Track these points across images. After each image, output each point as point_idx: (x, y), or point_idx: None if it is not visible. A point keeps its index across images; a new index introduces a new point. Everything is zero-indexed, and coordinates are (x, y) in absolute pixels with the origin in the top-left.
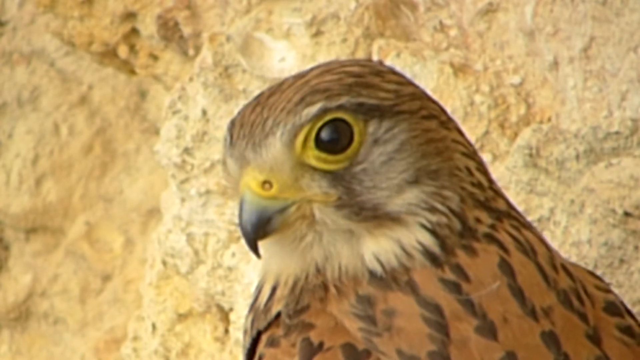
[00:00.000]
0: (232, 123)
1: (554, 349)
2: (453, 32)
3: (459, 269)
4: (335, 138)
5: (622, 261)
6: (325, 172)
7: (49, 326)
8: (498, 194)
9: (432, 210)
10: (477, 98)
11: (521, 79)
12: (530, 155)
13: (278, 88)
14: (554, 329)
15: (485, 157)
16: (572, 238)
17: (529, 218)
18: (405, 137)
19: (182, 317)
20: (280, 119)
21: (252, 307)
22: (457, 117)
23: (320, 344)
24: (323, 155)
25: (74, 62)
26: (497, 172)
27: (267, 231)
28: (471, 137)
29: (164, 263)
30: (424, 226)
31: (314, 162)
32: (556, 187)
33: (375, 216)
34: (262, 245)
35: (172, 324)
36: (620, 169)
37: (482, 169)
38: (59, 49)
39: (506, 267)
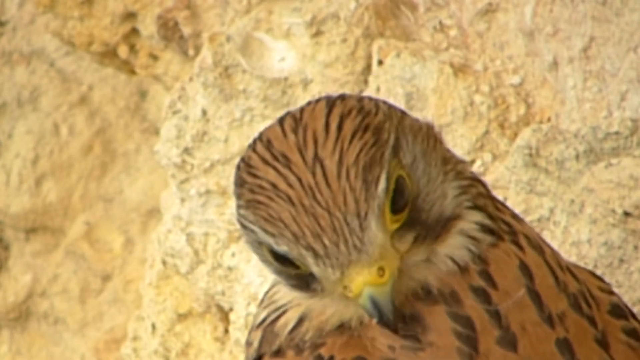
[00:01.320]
0: (297, 236)
1: (568, 356)
2: (453, 32)
3: (486, 275)
4: (401, 194)
5: (622, 261)
6: (404, 225)
7: (49, 326)
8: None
9: (465, 190)
10: (477, 98)
11: (521, 79)
12: (530, 155)
13: (313, 185)
14: (567, 335)
15: (485, 157)
16: (572, 238)
17: (529, 218)
18: (418, 147)
19: (182, 317)
20: (365, 210)
21: (262, 326)
22: (456, 117)
23: (331, 357)
24: (398, 216)
25: (74, 62)
26: (497, 172)
27: (398, 309)
28: (471, 137)
29: (164, 263)
30: (469, 207)
31: (397, 226)
32: (556, 187)
33: (442, 227)
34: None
35: (172, 324)
36: (620, 169)
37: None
38: (59, 49)
39: (525, 270)
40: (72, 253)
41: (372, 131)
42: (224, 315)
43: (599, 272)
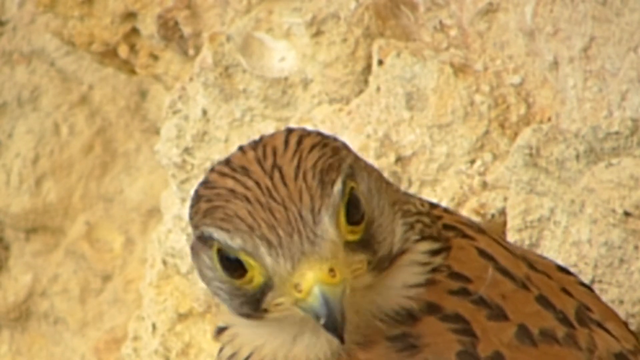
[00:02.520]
0: (252, 228)
1: (551, 309)
2: (453, 32)
3: (457, 276)
4: (356, 207)
5: (622, 261)
6: (356, 243)
7: (49, 326)
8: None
9: (411, 225)
10: (477, 98)
11: (521, 79)
12: (530, 155)
13: (270, 183)
14: (541, 292)
15: (485, 157)
16: (572, 238)
17: (529, 218)
18: (372, 183)
19: (182, 316)
20: (318, 206)
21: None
22: (457, 117)
23: None
24: (353, 227)
25: (74, 62)
26: (497, 172)
27: (346, 316)
28: (471, 137)
29: (164, 263)
30: (416, 240)
31: (350, 237)
32: (556, 187)
33: (391, 262)
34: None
35: (172, 324)
36: (620, 169)
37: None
38: (59, 49)
39: (484, 253)
40: (72, 253)
41: (330, 148)
42: None
43: (599, 272)
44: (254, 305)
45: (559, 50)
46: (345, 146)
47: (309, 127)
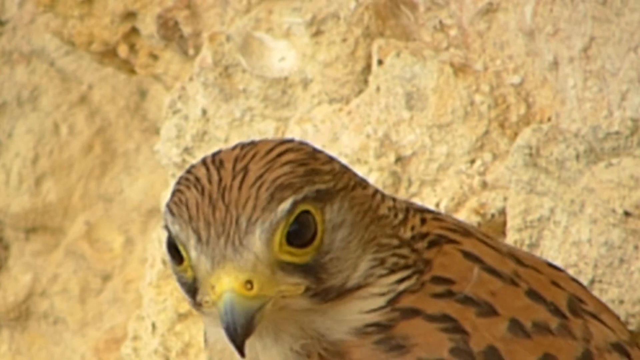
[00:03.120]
0: (189, 217)
1: (541, 301)
2: (453, 32)
3: (440, 279)
4: (303, 231)
5: (622, 261)
6: (297, 266)
7: (49, 326)
8: (397, 200)
9: (382, 261)
10: (477, 98)
11: (521, 79)
12: (530, 155)
13: (229, 184)
14: (530, 286)
15: (485, 157)
16: (572, 238)
17: (529, 218)
18: (351, 217)
19: (182, 316)
20: (256, 217)
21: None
22: (457, 117)
23: None
24: (294, 249)
25: (74, 62)
26: (497, 172)
27: (251, 330)
28: (471, 137)
29: (164, 262)
30: (383, 275)
31: (287, 258)
32: (556, 187)
33: (339, 295)
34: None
35: (172, 324)
36: (620, 169)
37: (383, 195)
38: (59, 49)
39: (469, 255)
40: (72, 253)
41: (307, 169)
42: None
43: (599, 272)
44: (192, 297)
45: (559, 50)
46: (339, 173)
47: (309, 127)
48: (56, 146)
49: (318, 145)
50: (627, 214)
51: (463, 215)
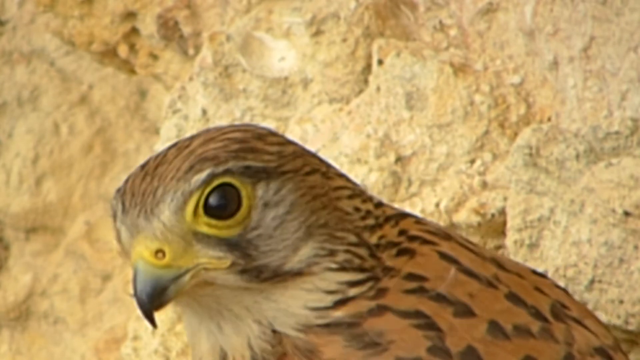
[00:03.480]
0: (122, 191)
1: (522, 305)
2: (453, 32)
3: (413, 276)
4: (223, 204)
5: (622, 261)
6: (220, 239)
7: (49, 326)
8: (382, 205)
9: (332, 253)
10: (477, 98)
11: (521, 79)
12: (530, 155)
13: (164, 158)
14: (511, 289)
15: (485, 157)
16: (572, 238)
17: (529, 218)
18: (293, 198)
19: (182, 316)
20: (170, 187)
21: None
22: (457, 117)
23: None
24: (213, 221)
25: (74, 62)
26: (497, 172)
27: (163, 301)
28: (471, 137)
29: None
30: (331, 269)
31: (205, 229)
32: (556, 187)
33: (276, 275)
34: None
35: (172, 324)
36: (620, 169)
37: (365, 197)
38: (59, 49)
39: (446, 256)
40: (72, 253)
41: (243, 146)
42: None
43: (599, 272)
44: None
45: (559, 50)
46: (292, 156)
47: (309, 127)
48: (56, 146)
49: (318, 145)
50: (627, 214)
51: (463, 215)
